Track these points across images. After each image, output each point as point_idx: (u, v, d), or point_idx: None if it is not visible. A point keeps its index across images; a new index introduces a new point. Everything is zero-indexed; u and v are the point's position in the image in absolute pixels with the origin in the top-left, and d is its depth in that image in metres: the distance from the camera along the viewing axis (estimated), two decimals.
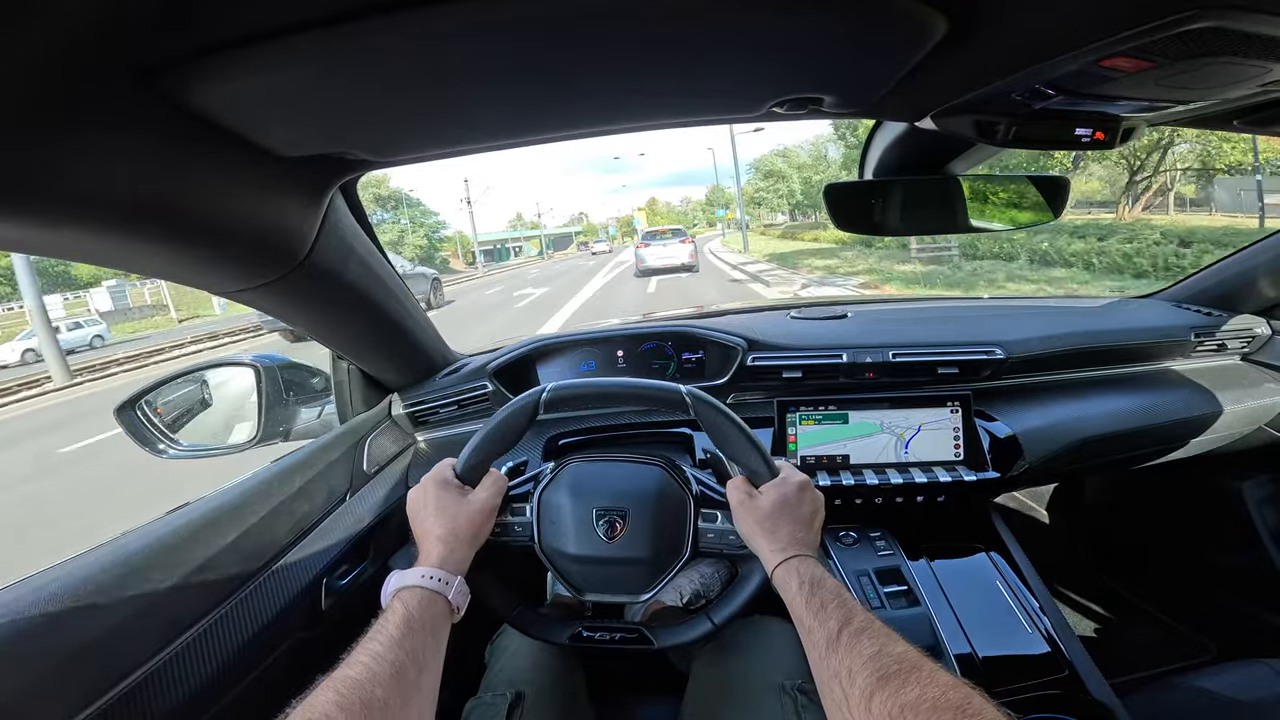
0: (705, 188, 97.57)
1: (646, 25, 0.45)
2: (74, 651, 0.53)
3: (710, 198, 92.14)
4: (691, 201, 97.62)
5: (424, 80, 0.50)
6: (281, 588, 0.76)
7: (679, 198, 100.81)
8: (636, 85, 0.57)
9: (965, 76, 0.59)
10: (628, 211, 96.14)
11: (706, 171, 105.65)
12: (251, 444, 1.05)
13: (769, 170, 43.93)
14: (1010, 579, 0.95)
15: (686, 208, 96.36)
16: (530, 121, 0.63)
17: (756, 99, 0.62)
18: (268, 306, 0.79)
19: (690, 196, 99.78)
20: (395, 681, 0.48)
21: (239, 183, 0.59)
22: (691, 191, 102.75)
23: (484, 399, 1.13)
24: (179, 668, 0.61)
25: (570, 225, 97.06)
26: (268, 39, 0.40)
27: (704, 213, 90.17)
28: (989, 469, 1.00)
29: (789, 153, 44.44)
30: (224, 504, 0.76)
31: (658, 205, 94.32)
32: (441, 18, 0.41)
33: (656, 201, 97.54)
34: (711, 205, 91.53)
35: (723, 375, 1.12)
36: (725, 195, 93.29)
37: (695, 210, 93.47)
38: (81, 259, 0.58)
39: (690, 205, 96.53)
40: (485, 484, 0.71)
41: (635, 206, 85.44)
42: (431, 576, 0.59)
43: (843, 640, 0.49)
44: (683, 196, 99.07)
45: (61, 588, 0.56)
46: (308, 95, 0.49)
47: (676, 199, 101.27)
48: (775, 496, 0.66)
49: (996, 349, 1.07)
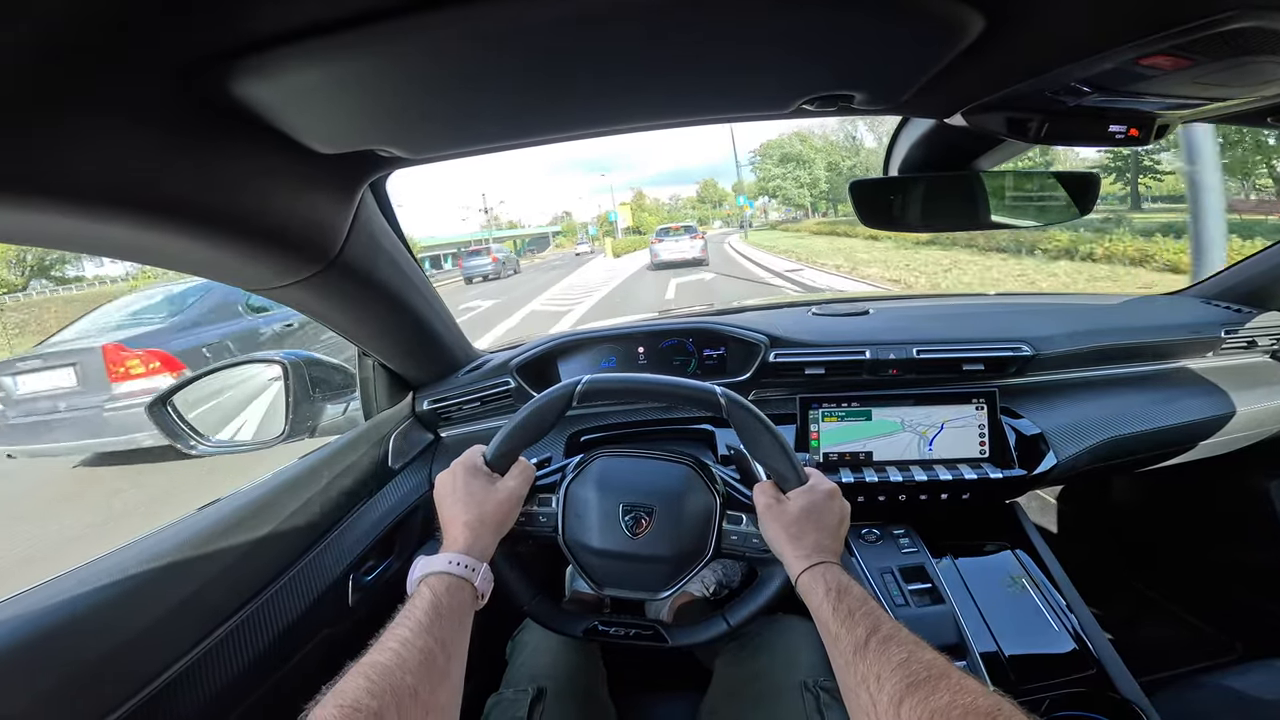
0: (696, 185, 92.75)
1: (681, 25, 0.45)
2: (112, 647, 0.55)
3: (702, 194, 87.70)
4: (681, 199, 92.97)
5: (460, 78, 0.50)
6: (310, 584, 0.78)
7: (668, 195, 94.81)
8: (670, 84, 0.58)
9: (999, 74, 0.59)
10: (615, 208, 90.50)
11: (699, 169, 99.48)
12: (279, 440, 1.06)
13: (785, 154, 40.40)
14: (1036, 576, 0.94)
15: (676, 204, 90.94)
16: (564, 118, 0.63)
17: (787, 96, 0.62)
18: (300, 303, 0.80)
19: (680, 194, 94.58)
20: (424, 668, 0.48)
21: (275, 179, 0.60)
22: (681, 189, 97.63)
23: (506, 395, 1.14)
24: (212, 664, 0.62)
25: (552, 225, 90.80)
26: (309, 36, 0.41)
27: (695, 209, 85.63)
28: (1015, 466, 0.99)
29: (807, 136, 41.13)
30: (254, 501, 0.77)
31: (645, 201, 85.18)
32: (482, 16, 0.41)
33: (644, 196, 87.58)
34: (703, 202, 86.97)
35: (745, 372, 1.12)
36: (718, 191, 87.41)
37: (685, 207, 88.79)
38: (120, 255, 0.59)
39: (680, 202, 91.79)
40: (514, 472, 0.71)
41: (619, 201, 75.95)
42: (458, 563, 0.59)
43: (871, 647, 0.49)
44: (672, 194, 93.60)
45: (98, 585, 0.57)
46: (345, 92, 0.50)
47: (666, 196, 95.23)
48: (803, 503, 0.66)
49: (1023, 346, 1.06)
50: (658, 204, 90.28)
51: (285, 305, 0.81)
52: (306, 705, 0.44)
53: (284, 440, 1.06)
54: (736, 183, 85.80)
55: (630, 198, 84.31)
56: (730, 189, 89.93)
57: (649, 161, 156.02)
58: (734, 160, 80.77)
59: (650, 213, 76.22)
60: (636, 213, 72.67)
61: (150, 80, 0.42)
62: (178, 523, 0.72)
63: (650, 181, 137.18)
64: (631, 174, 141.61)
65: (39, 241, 0.51)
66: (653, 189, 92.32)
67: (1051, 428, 1.04)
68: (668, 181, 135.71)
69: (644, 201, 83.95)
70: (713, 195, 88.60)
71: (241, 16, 0.39)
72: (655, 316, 1.49)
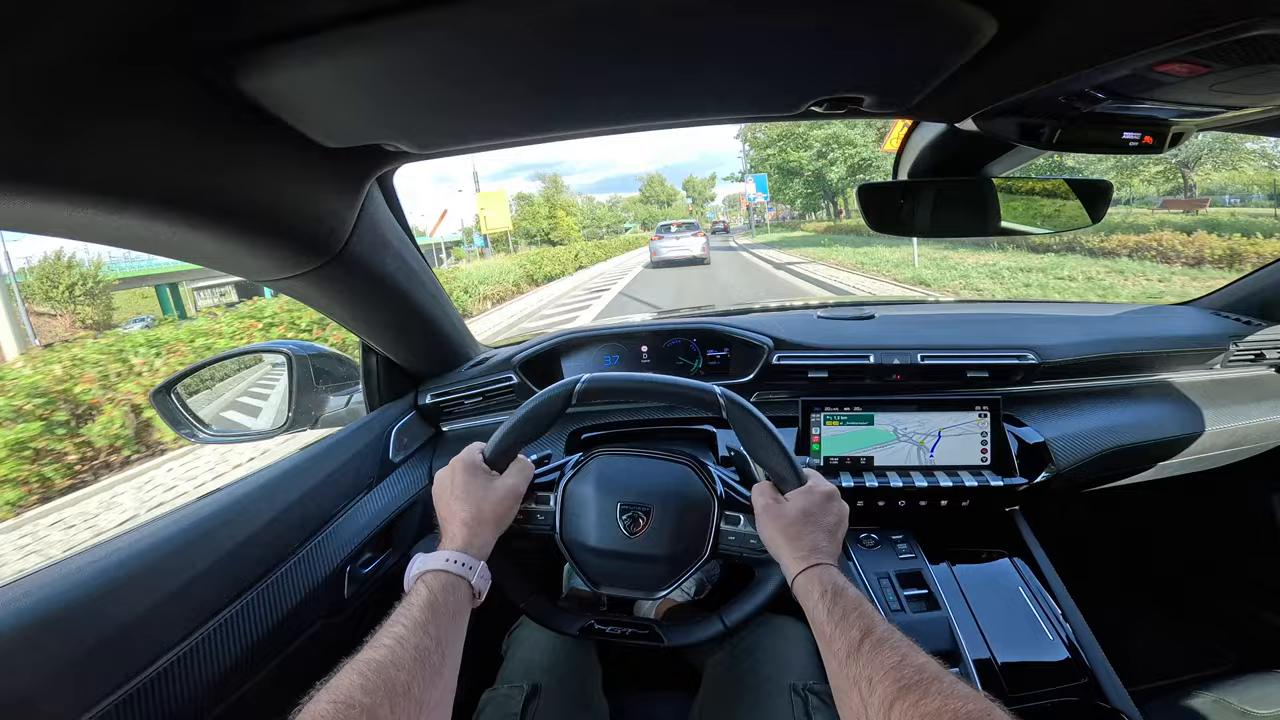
0: (640, 181, 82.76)
1: (689, 25, 0.45)
2: (109, 634, 0.55)
3: (646, 193, 78.75)
4: (621, 199, 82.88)
5: (468, 74, 0.50)
6: (307, 575, 0.78)
7: (607, 198, 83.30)
8: (676, 84, 0.57)
9: (1012, 79, 0.58)
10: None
11: (638, 174, 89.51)
12: (281, 430, 1.07)
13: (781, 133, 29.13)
14: (1033, 585, 0.94)
15: (615, 204, 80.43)
16: (566, 116, 0.63)
17: (795, 98, 0.62)
18: (306, 295, 0.80)
19: (620, 196, 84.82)
20: (418, 665, 0.48)
21: (282, 172, 0.60)
22: (623, 193, 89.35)
23: (509, 391, 1.14)
24: (207, 651, 0.63)
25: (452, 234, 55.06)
26: (321, 29, 0.41)
27: (636, 209, 76.98)
28: (1016, 475, 0.98)
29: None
30: (254, 490, 0.78)
31: (562, 193, 61.13)
32: (491, 12, 0.41)
33: (561, 185, 61.70)
34: (648, 201, 77.98)
35: (748, 373, 1.11)
36: (666, 190, 78.65)
37: (626, 208, 79.53)
38: (132, 246, 0.59)
39: (620, 203, 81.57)
40: (512, 470, 0.71)
41: (515, 194, 59.23)
42: (455, 560, 0.60)
43: (864, 649, 0.49)
44: (611, 196, 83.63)
45: (96, 572, 0.58)
46: (354, 86, 0.50)
47: (605, 198, 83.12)
48: (801, 504, 0.66)
49: (1029, 353, 1.05)
50: (593, 204, 77.72)
51: (289, 297, 0.82)
52: (299, 696, 0.44)
53: (286, 431, 1.06)
54: (650, 179, 78.27)
55: (538, 189, 60.37)
56: (680, 187, 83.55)
57: (598, 168, 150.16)
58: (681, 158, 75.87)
59: (572, 211, 58.97)
60: (543, 210, 52.76)
61: (162, 73, 0.42)
62: (179, 510, 0.72)
63: (595, 187, 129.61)
64: (572, 179, 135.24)
65: (55, 232, 0.51)
66: (598, 194, 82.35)
67: (1055, 436, 1.03)
68: (610, 188, 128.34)
69: (560, 193, 60.05)
70: (659, 194, 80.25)
71: (254, 10, 0.39)
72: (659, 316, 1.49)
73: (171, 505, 4.01)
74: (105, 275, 24.38)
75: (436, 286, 1.00)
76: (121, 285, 26.60)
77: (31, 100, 0.36)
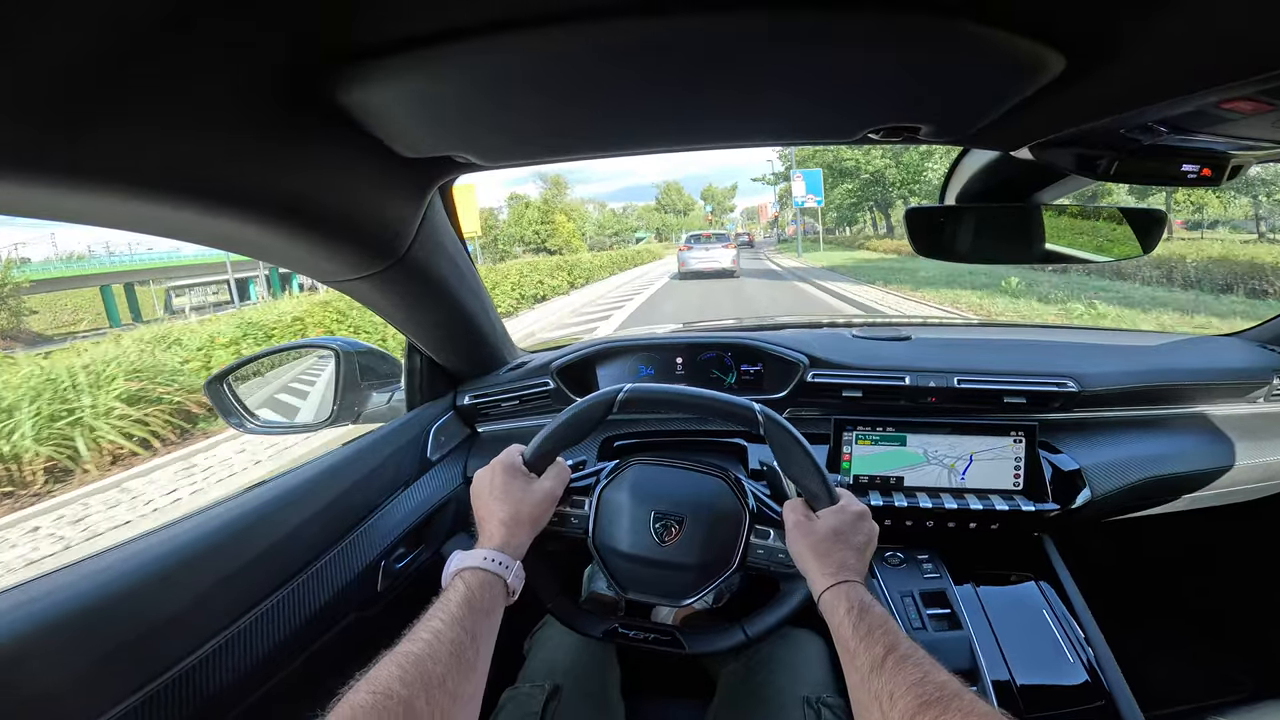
0: (657, 189, 75.24)
1: (756, 57, 0.47)
2: (155, 622, 0.57)
3: (663, 201, 73.06)
4: (635, 207, 76.19)
5: (547, 93, 0.52)
6: (344, 568, 0.80)
7: (621, 206, 76.37)
8: (738, 109, 0.59)
9: (1074, 112, 0.59)
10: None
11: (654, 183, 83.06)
12: (325, 424, 1.10)
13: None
14: (1058, 609, 0.93)
15: (628, 213, 73.98)
16: (629, 135, 0.66)
17: (854, 125, 0.63)
18: (364, 297, 0.83)
19: (633, 204, 77.71)
20: (454, 659, 0.50)
21: (357, 180, 0.63)
22: (637, 201, 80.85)
23: (545, 396, 1.16)
24: (246, 641, 0.65)
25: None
26: (417, 46, 0.43)
27: (649, 217, 71.65)
28: (1049, 500, 0.98)
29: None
30: (302, 484, 0.80)
31: (565, 195, 50.97)
32: (579, 37, 0.43)
33: (565, 186, 50.76)
34: (664, 209, 72.31)
35: (782, 389, 1.12)
36: (683, 199, 72.84)
37: (640, 215, 73.46)
38: (215, 244, 0.62)
39: (633, 211, 75.13)
40: (550, 473, 0.73)
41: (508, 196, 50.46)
42: (492, 559, 0.61)
43: (887, 665, 0.50)
44: (624, 205, 76.42)
45: (143, 561, 0.60)
46: (439, 101, 0.53)
47: (619, 205, 76.46)
48: (833, 523, 0.67)
49: (1070, 381, 1.04)
50: (603, 210, 71.30)
51: (348, 297, 0.85)
52: (328, 687, 0.46)
53: (330, 424, 1.09)
54: (667, 187, 70.71)
55: (537, 193, 50.34)
56: (699, 196, 77.33)
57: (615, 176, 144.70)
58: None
59: (574, 216, 50.57)
60: (534, 214, 44.63)
61: (262, 79, 0.44)
62: (224, 503, 0.74)
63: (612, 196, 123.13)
64: (589, 187, 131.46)
65: (131, 227, 0.53)
66: (613, 203, 76.67)
67: (1089, 464, 1.02)
68: (630, 197, 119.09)
69: (562, 196, 50.56)
70: (676, 203, 74.03)
71: (360, 25, 0.42)
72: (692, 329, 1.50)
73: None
74: (15, 277, 20.71)
75: (483, 290, 1.03)
76: (36, 288, 22.22)
77: (115, 92, 0.38)
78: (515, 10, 0.41)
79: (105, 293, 27.43)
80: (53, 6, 0.30)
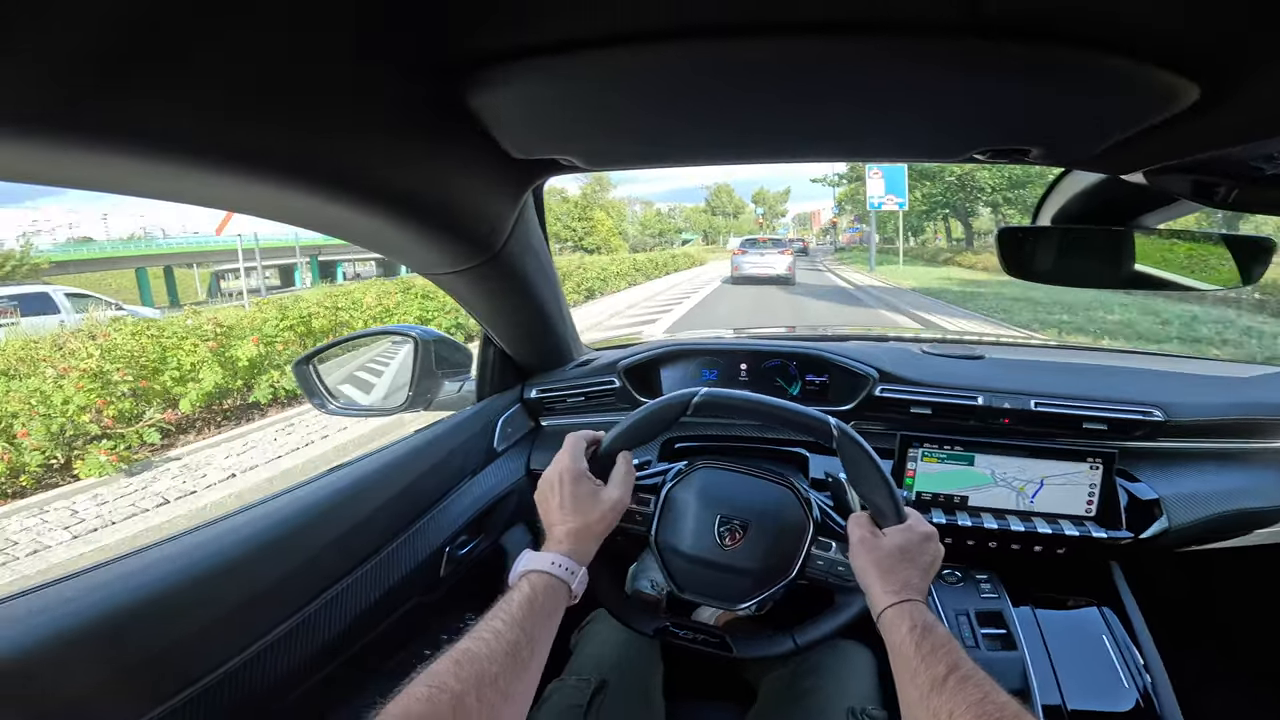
0: (706, 190, 72.03)
1: (878, 76, 0.47)
2: (242, 599, 0.61)
3: (713, 202, 70.27)
4: (681, 209, 72.43)
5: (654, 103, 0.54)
6: (411, 553, 0.83)
7: (667, 207, 72.34)
8: (852, 127, 0.59)
9: (1199, 140, 0.57)
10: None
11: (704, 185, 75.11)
12: (401, 408, 1.15)
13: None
14: (1119, 636, 0.91)
15: (673, 213, 70.47)
16: (744, 147, 0.67)
17: (962, 145, 0.63)
18: (455, 290, 0.87)
19: (680, 205, 73.87)
20: (510, 659, 0.52)
21: (472, 177, 0.66)
22: (684, 203, 76.87)
23: (610, 394, 1.18)
24: (316, 622, 0.68)
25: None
26: (547, 53, 0.45)
27: (696, 219, 69.84)
28: (1123, 529, 0.95)
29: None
30: (377, 470, 0.83)
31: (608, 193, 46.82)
32: (710, 51, 0.44)
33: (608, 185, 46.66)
34: (713, 212, 69.73)
35: (848, 402, 1.12)
36: (734, 201, 70.55)
37: (688, 216, 70.91)
38: (325, 230, 0.65)
39: (679, 212, 71.75)
40: (617, 480, 0.73)
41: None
42: (560, 565, 0.63)
43: (949, 684, 0.51)
44: (670, 206, 72.74)
45: (226, 544, 0.63)
46: (561, 107, 0.55)
47: (665, 206, 72.25)
48: (899, 541, 0.67)
49: (1156, 410, 1.01)
50: (650, 208, 68.48)
51: (441, 289, 0.88)
52: (395, 669, 0.49)
53: (406, 409, 1.14)
54: (716, 188, 66.99)
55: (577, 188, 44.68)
56: (749, 199, 74.55)
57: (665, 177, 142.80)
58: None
59: (613, 214, 46.82)
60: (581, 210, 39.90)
61: (391, 77, 0.46)
62: (302, 487, 0.77)
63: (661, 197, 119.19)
64: (635, 187, 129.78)
65: (255, 211, 0.56)
66: (660, 203, 71.68)
67: (1168, 495, 0.99)
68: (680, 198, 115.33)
69: (604, 193, 46.75)
70: (726, 205, 71.15)
71: (489, 31, 0.44)
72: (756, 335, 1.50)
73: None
74: (35, 258, 20.66)
75: (559, 288, 1.05)
76: (56, 269, 21.84)
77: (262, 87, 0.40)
78: (638, 24, 0.42)
79: (140, 275, 27.41)
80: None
